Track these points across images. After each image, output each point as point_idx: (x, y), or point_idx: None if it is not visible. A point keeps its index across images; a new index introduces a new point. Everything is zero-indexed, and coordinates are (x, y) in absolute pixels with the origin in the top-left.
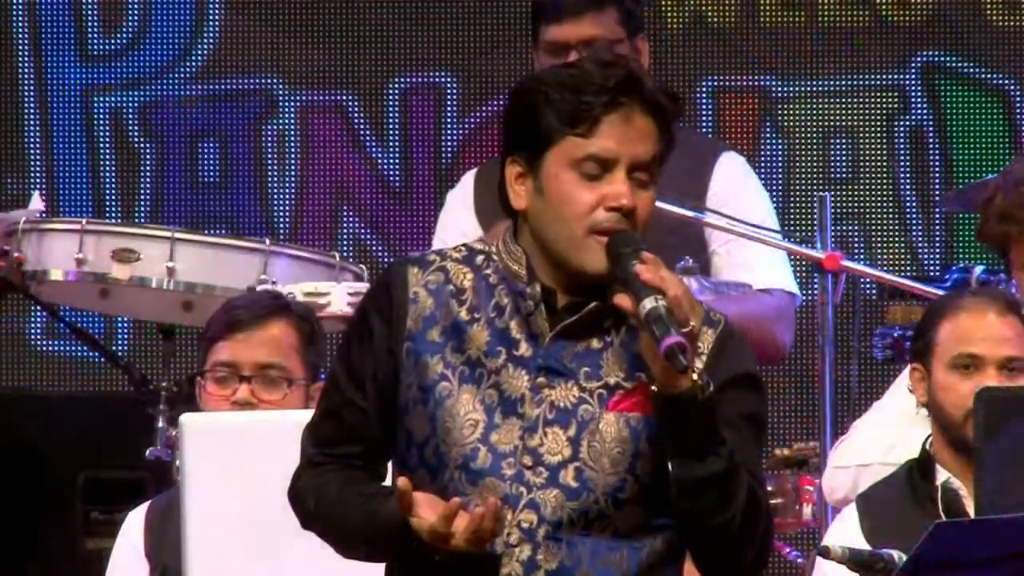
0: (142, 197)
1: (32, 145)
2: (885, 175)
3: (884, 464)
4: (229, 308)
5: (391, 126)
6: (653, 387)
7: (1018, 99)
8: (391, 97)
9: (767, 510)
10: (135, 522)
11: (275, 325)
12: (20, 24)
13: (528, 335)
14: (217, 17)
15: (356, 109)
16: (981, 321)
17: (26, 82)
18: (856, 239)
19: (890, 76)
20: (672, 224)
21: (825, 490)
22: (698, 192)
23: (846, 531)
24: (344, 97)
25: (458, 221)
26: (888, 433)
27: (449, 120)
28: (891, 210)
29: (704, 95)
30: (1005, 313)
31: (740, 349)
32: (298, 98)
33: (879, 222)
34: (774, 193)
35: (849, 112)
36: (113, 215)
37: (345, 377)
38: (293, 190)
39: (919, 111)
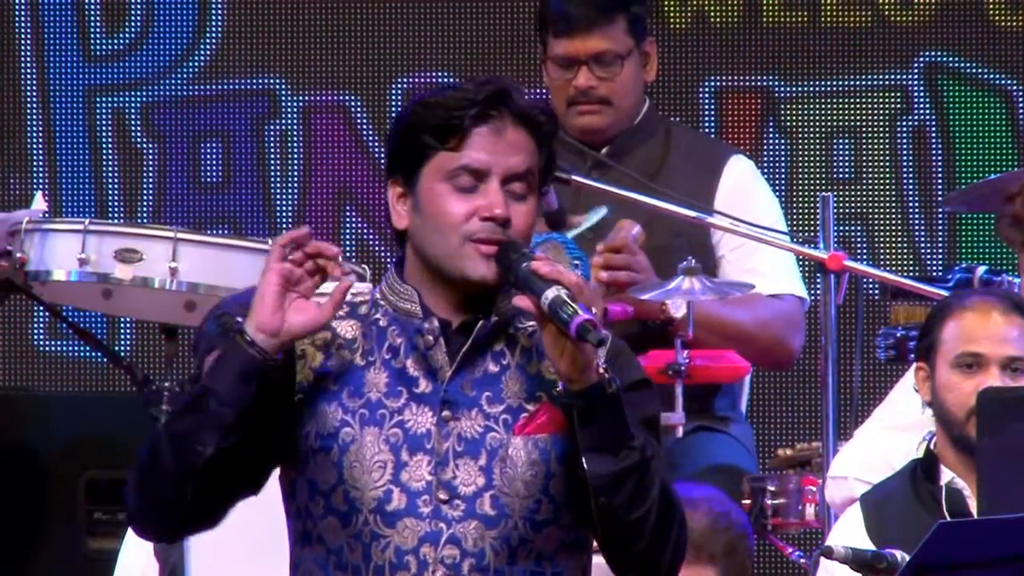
0: (145, 197)
1: (35, 145)
2: (888, 175)
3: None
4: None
5: None
6: (558, 388)
7: (1020, 99)
8: (394, 97)
9: (680, 509)
10: None
11: None
12: (23, 24)
13: (426, 371)
14: (220, 17)
15: (359, 109)
16: (985, 321)
17: (29, 82)
18: (859, 239)
19: (893, 76)
20: (679, 227)
21: (826, 496)
22: (705, 195)
23: (850, 530)
24: (347, 97)
25: None
26: (885, 445)
27: None
28: (894, 210)
29: (706, 95)
30: (1010, 313)
31: (630, 360)
32: (301, 98)
33: (882, 222)
34: (777, 194)
35: (852, 112)
36: (116, 215)
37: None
38: (296, 190)
39: (922, 111)
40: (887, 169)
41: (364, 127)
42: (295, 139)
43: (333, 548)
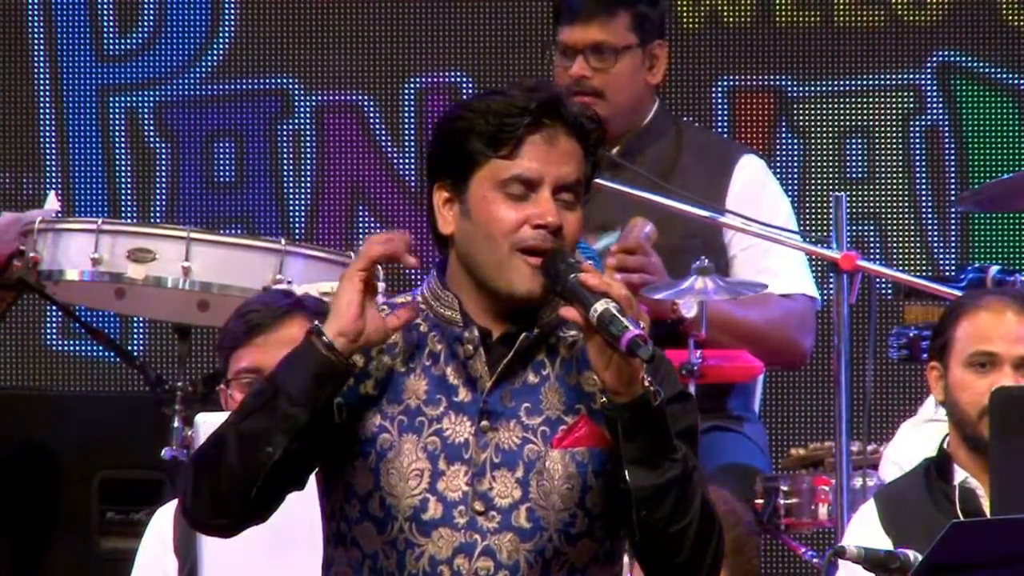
0: (158, 197)
1: (48, 145)
2: (901, 175)
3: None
4: (243, 313)
5: (407, 126)
6: (603, 399)
7: None
8: (407, 97)
9: (719, 521)
10: (165, 518)
11: (292, 324)
12: (36, 24)
13: (466, 380)
14: (232, 17)
15: (372, 109)
16: (999, 320)
17: (42, 82)
18: (872, 239)
19: (906, 76)
20: (691, 227)
21: (879, 473)
22: (717, 195)
23: (866, 527)
24: (360, 97)
25: None
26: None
27: None
28: (907, 210)
29: (720, 95)
30: (1023, 313)
31: (669, 371)
32: (314, 98)
33: (895, 222)
34: (790, 193)
35: (865, 112)
36: (129, 215)
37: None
38: (309, 190)
39: (935, 111)
40: (900, 169)
41: (377, 127)
42: (308, 139)
43: (368, 553)
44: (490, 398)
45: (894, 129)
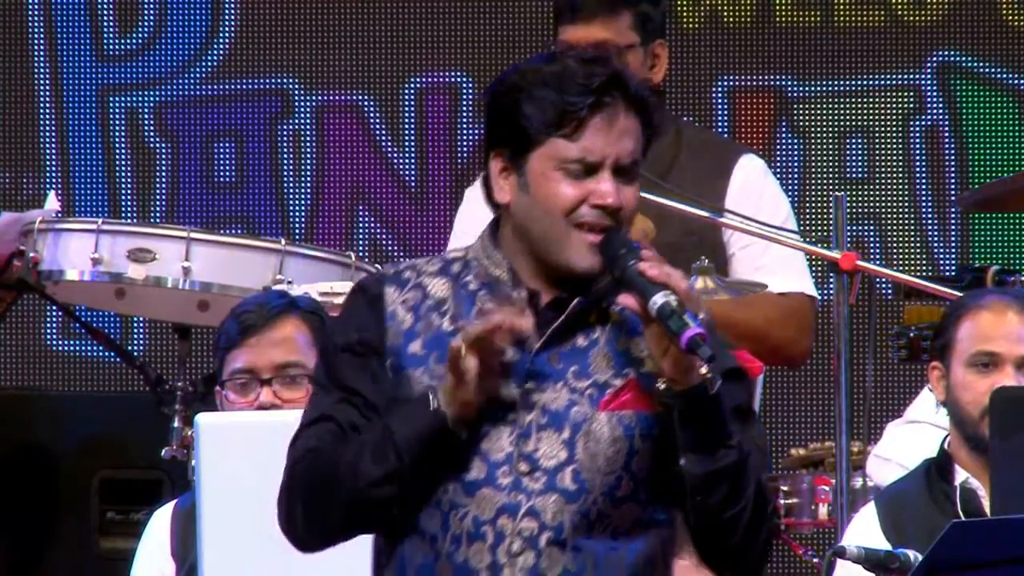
0: (158, 197)
1: (48, 145)
2: (901, 175)
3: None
4: (237, 315)
5: (407, 126)
6: (660, 384)
7: None
8: (407, 97)
9: (772, 499)
10: (161, 521)
11: (286, 324)
12: (36, 24)
13: (514, 340)
14: (233, 17)
15: (372, 109)
16: (1001, 320)
17: (42, 82)
18: (872, 239)
19: (906, 76)
20: (690, 226)
21: (867, 470)
22: (716, 194)
23: (866, 528)
24: (360, 97)
25: (476, 220)
26: (937, 435)
27: (465, 120)
28: (907, 210)
29: (719, 95)
30: None
31: (722, 343)
32: (314, 98)
33: (895, 222)
34: (790, 193)
35: (865, 112)
36: (129, 215)
37: (339, 398)
38: (309, 190)
39: (935, 111)
40: (900, 169)
41: (377, 127)
42: (308, 139)
43: (412, 514)
44: (537, 359)
45: (894, 129)
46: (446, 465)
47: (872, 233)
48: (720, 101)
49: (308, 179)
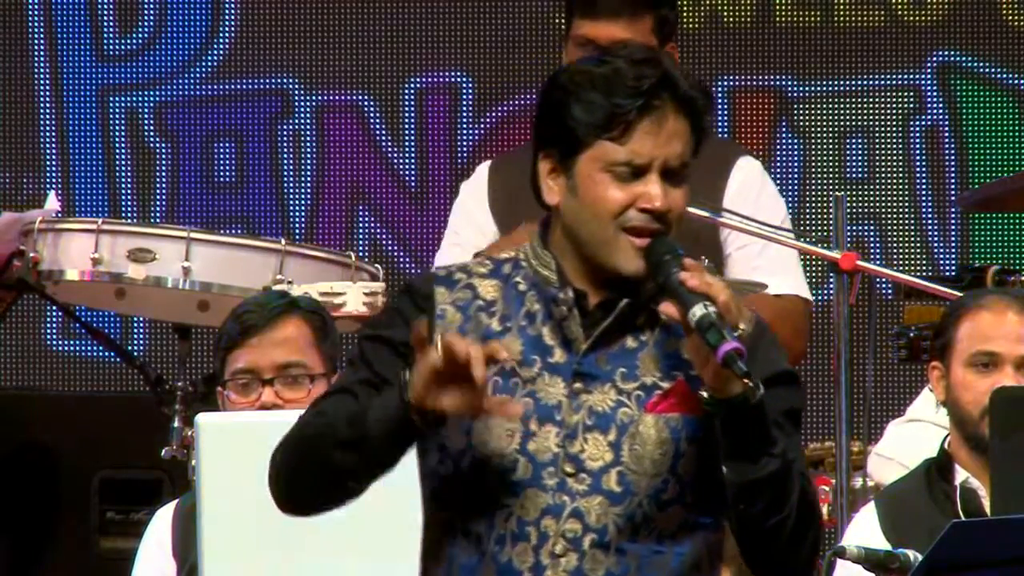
0: (158, 197)
1: (48, 145)
2: (901, 175)
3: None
4: (237, 315)
5: (407, 126)
6: (703, 392)
7: None
8: (407, 97)
9: (817, 506)
10: (162, 521)
11: (287, 323)
12: (36, 24)
13: (562, 341)
14: (233, 17)
15: (372, 109)
16: (1000, 319)
17: (42, 82)
18: (872, 239)
19: (906, 76)
20: (688, 225)
21: (868, 469)
22: (714, 196)
23: (866, 529)
24: (360, 97)
25: (471, 215)
26: (939, 435)
27: (465, 120)
28: (907, 210)
29: (720, 95)
30: None
31: (773, 346)
32: (314, 98)
33: (895, 222)
34: (790, 193)
35: (865, 112)
36: (129, 215)
37: (362, 377)
38: (309, 190)
39: (935, 111)
40: (900, 169)
41: (377, 127)
42: (308, 139)
43: (459, 514)
44: (585, 360)
45: (894, 129)
46: (493, 467)
47: (872, 233)
48: (720, 101)
49: (308, 179)
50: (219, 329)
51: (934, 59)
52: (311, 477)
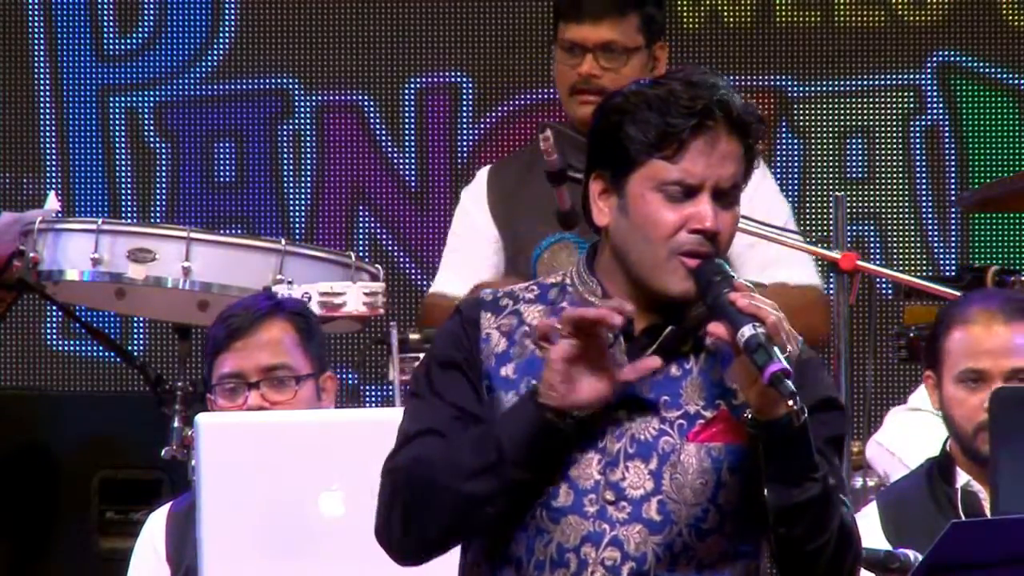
0: (158, 197)
1: (48, 145)
2: (901, 175)
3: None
4: (223, 319)
5: (407, 126)
6: (748, 414)
7: None
8: (407, 97)
9: (857, 534)
10: (156, 525)
11: (272, 326)
12: (36, 24)
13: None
14: (233, 17)
15: (372, 109)
16: (987, 333)
17: (42, 82)
18: (872, 239)
19: (906, 76)
20: None
21: (867, 455)
22: None
23: (867, 528)
24: (360, 97)
25: (473, 221)
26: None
27: (465, 120)
28: (907, 210)
29: None
30: (1012, 321)
31: (819, 372)
32: (314, 98)
33: (895, 222)
34: (790, 193)
35: (865, 112)
36: (129, 215)
37: (443, 415)
38: (309, 190)
39: (935, 111)
40: (900, 169)
41: (377, 127)
42: (308, 139)
43: (499, 538)
44: (629, 387)
45: (894, 129)
46: (551, 472)
47: (872, 233)
48: None
49: (308, 179)
50: (206, 334)
51: (934, 59)
52: (443, 517)
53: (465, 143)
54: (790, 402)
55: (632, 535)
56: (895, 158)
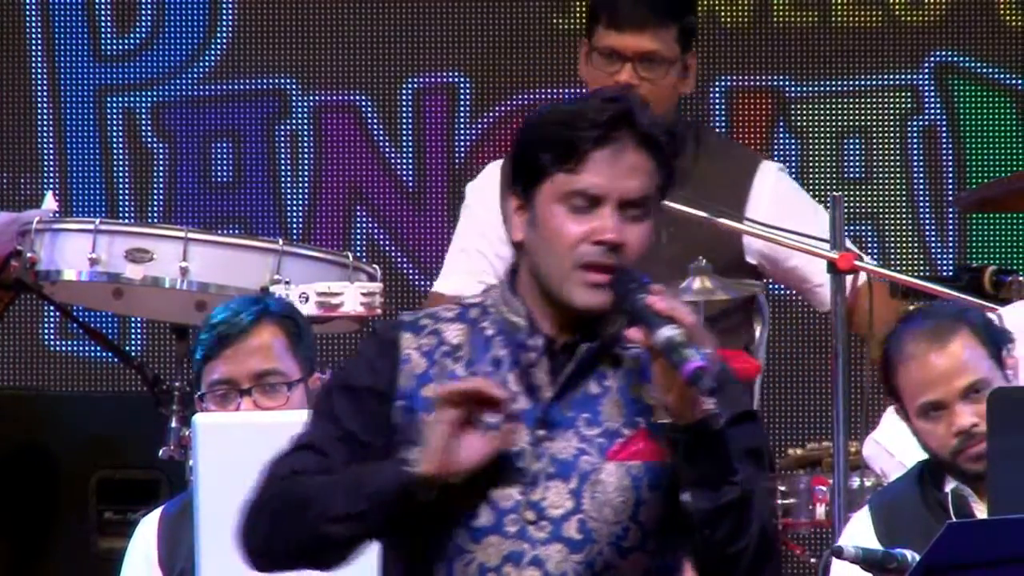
0: (155, 197)
1: (45, 145)
2: (898, 175)
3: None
4: (212, 325)
5: (404, 126)
6: (665, 420)
7: None
8: (404, 97)
9: (778, 544)
10: (148, 530)
11: (262, 331)
12: (33, 24)
13: (526, 388)
14: (230, 17)
15: (369, 109)
16: (926, 365)
17: (39, 82)
18: (869, 239)
19: (903, 76)
20: (710, 240)
21: (864, 453)
22: (737, 201)
23: (860, 533)
24: (357, 97)
25: (476, 217)
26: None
27: (462, 120)
28: (904, 210)
29: (717, 95)
30: (944, 342)
31: (736, 388)
32: (312, 98)
33: (892, 222)
34: None
35: (862, 112)
36: (126, 215)
37: (331, 434)
38: (306, 190)
39: (932, 111)
40: (898, 169)
41: (375, 127)
42: (306, 139)
43: (420, 559)
44: (550, 408)
45: (892, 129)
46: (452, 513)
47: (870, 233)
48: (717, 101)
49: (306, 179)
50: (193, 340)
51: (932, 59)
52: (301, 545)
53: (463, 143)
54: (708, 405)
55: (552, 554)
56: (892, 158)
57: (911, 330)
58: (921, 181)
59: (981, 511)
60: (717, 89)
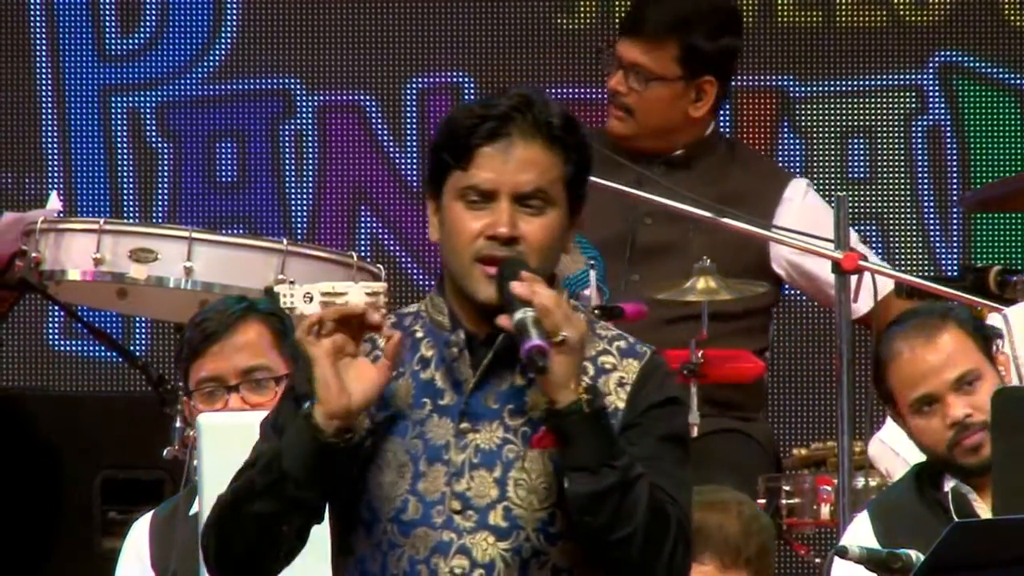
0: (160, 197)
1: (50, 145)
2: (902, 175)
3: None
4: (197, 323)
5: (409, 126)
6: (543, 404)
7: None
8: (409, 97)
9: (680, 530)
10: (140, 533)
11: (248, 328)
12: (38, 24)
13: (452, 383)
14: (235, 17)
15: (374, 109)
16: (913, 362)
17: (44, 82)
18: (874, 239)
19: (907, 76)
20: (736, 242)
21: (869, 451)
22: (764, 212)
23: (860, 536)
24: (362, 97)
25: None
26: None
27: None
28: (909, 210)
29: None
30: (931, 336)
31: (664, 378)
32: (316, 98)
33: (896, 222)
34: None
35: (866, 112)
36: (131, 215)
37: (272, 440)
38: (311, 190)
39: (936, 111)
40: (902, 169)
41: (379, 127)
42: (310, 139)
43: (359, 557)
44: (472, 400)
45: (896, 129)
46: (383, 509)
47: (874, 233)
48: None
49: (310, 179)
50: (179, 339)
51: (936, 59)
52: (244, 540)
53: None
54: (581, 385)
55: (479, 542)
56: (897, 158)
57: (899, 330)
58: (925, 181)
59: (982, 509)
60: None
